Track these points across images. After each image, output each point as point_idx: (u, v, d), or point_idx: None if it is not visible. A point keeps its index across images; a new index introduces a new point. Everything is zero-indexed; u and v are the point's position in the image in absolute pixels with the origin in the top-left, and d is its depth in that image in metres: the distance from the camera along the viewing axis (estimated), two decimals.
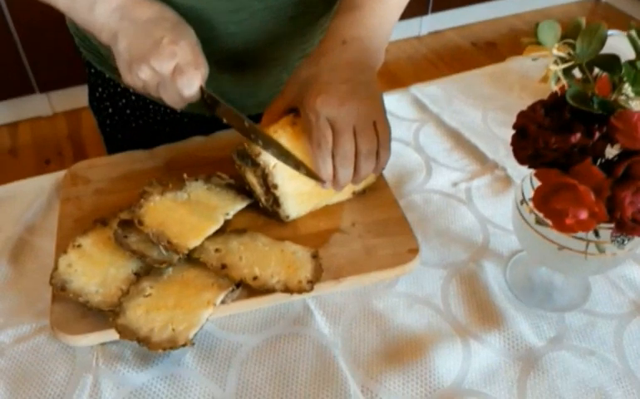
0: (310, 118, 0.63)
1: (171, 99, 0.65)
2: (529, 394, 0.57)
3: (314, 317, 0.64)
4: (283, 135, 0.66)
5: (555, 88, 0.58)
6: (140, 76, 0.62)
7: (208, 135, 0.86)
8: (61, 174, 0.78)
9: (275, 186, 0.67)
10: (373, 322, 0.64)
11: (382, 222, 0.72)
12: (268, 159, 0.66)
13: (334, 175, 0.66)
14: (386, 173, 0.77)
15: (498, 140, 0.86)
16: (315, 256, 0.67)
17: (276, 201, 0.68)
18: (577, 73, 0.59)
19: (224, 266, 0.62)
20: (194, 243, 0.61)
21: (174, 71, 0.62)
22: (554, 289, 0.67)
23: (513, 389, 0.58)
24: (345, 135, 0.62)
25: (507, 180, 0.79)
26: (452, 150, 0.86)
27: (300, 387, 0.58)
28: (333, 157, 0.64)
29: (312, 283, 0.63)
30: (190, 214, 0.65)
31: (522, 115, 0.57)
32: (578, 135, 0.52)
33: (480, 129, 0.88)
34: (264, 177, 0.67)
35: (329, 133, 0.62)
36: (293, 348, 0.61)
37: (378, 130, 0.65)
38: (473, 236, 0.73)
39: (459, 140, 0.87)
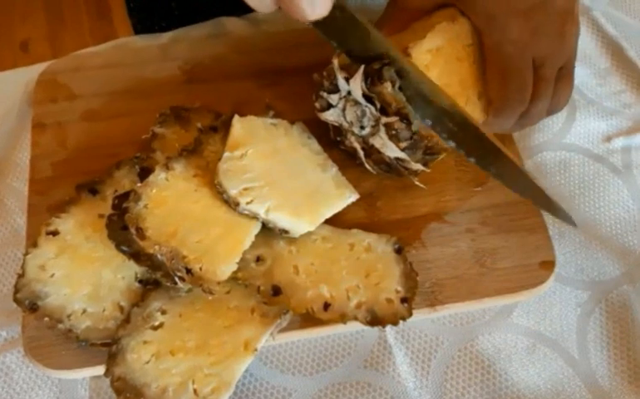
0: (506, 50, 0.44)
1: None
2: None
3: (394, 357, 0.44)
4: (438, 37, 0.45)
5: None
6: None
7: (242, 16, 0.59)
8: (36, 69, 0.54)
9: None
10: (477, 371, 0.45)
11: (504, 207, 0.48)
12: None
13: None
14: None
15: None
16: (399, 250, 0.46)
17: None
18: None
19: (276, 290, 0.41)
20: (226, 268, 0.40)
21: None
22: None
23: None
24: (549, 89, 0.45)
25: None
26: (608, 74, 0.58)
27: None
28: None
29: (409, 301, 0.43)
30: (214, 204, 0.42)
31: None
32: None
33: None
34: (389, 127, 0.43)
35: (531, 79, 0.45)
36: None
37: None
38: (629, 235, 0.50)
39: (620, 58, 0.58)
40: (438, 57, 0.45)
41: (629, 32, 0.59)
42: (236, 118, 0.46)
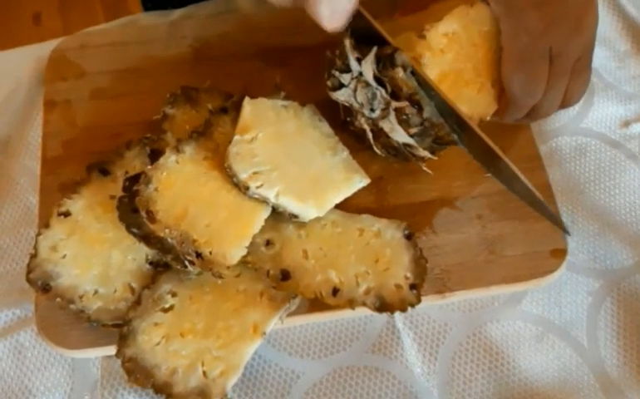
0: (522, 39, 0.43)
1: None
2: None
3: (402, 342, 0.45)
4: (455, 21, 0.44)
5: None
6: None
7: None
8: (47, 47, 0.53)
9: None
10: (485, 358, 0.45)
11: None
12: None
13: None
14: None
15: None
16: (409, 236, 0.45)
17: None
18: None
19: (285, 275, 0.41)
20: (236, 252, 0.40)
21: None
22: None
23: None
24: (562, 81, 0.44)
25: None
26: (627, 57, 0.56)
27: None
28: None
29: (418, 288, 0.43)
30: (224, 187, 0.42)
31: None
32: None
33: None
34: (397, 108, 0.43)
35: (546, 71, 0.44)
36: (369, 390, 0.43)
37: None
38: None
39: None
40: (453, 41, 0.44)
41: None
42: (247, 100, 0.46)
